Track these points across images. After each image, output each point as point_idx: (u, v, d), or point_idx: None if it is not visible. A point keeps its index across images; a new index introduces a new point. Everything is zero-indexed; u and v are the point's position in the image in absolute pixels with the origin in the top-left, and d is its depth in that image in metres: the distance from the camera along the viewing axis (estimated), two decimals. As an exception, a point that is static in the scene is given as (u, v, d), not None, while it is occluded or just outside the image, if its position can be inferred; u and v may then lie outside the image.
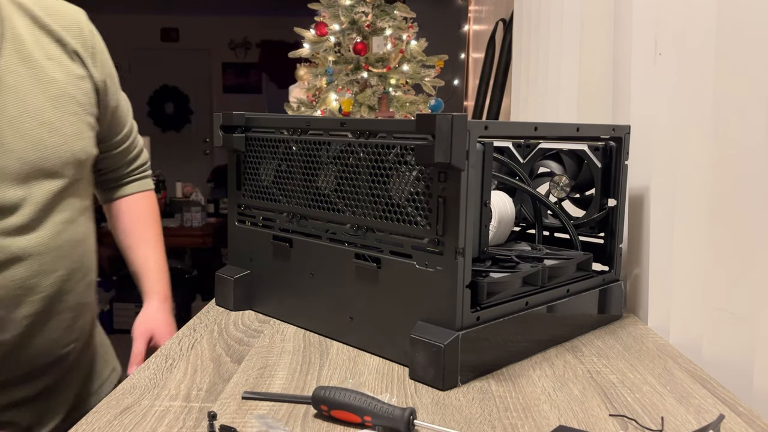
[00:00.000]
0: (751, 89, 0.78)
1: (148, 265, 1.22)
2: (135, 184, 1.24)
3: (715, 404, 0.71)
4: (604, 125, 0.97)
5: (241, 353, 0.84)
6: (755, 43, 0.78)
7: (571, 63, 1.39)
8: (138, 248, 1.22)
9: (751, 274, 0.78)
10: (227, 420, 0.65)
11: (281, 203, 0.97)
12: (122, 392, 0.73)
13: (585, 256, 0.96)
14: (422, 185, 0.76)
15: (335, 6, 2.76)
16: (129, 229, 1.23)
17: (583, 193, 1.04)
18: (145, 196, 1.26)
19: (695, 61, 0.90)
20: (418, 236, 0.77)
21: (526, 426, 0.65)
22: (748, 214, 0.79)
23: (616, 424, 0.66)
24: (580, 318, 0.93)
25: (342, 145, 0.86)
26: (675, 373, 0.80)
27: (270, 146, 0.97)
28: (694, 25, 0.90)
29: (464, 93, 4.69)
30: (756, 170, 0.78)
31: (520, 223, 1.10)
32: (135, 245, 1.22)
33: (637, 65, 1.06)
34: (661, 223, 0.98)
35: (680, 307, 0.93)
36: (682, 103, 0.92)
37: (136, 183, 1.24)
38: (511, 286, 0.83)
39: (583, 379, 0.77)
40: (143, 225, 1.24)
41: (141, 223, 1.24)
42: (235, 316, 1.01)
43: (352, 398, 0.64)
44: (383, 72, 2.75)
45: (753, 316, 0.78)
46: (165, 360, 0.82)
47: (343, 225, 0.87)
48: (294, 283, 0.95)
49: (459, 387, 0.74)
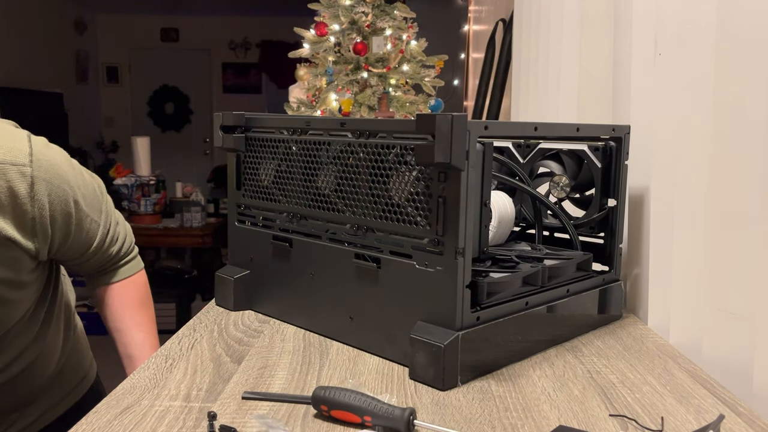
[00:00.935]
0: (751, 89, 0.78)
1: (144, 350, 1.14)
2: (120, 271, 1.16)
3: (715, 404, 0.71)
4: (604, 125, 0.97)
5: (241, 353, 0.84)
6: (755, 43, 0.78)
7: (571, 63, 1.39)
8: (130, 332, 1.15)
9: (751, 274, 0.78)
10: (227, 420, 0.65)
11: (281, 203, 0.96)
12: (122, 392, 0.73)
13: (585, 256, 0.96)
14: (422, 185, 0.76)
15: (335, 6, 2.75)
16: (117, 314, 1.15)
17: (583, 193, 1.04)
18: (131, 281, 1.17)
19: (695, 61, 0.89)
20: (418, 236, 0.77)
21: (526, 426, 0.65)
22: (748, 214, 0.79)
23: (616, 424, 0.66)
24: (580, 318, 0.93)
25: (342, 145, 0.86)
26: (675, 373, 0.80)
27: (270, 146, 0.97)
28: (694, 25, 0.90)
29: (464, 93, 4.69)
30: (756, 170, 0.78)
31: (520, 223, 1.10)
32: (126, 329, 1.15)
33: (637, 65, 1.06)
34: (661, 223, 0.98)
35: (680, 307, 0.93)
36: (682, 103, 0.92)
37: (120, 270, 1.16)
38: (511, 286, 0.83)
39: (583, 379, 0.77)
40: (132, 309, 1.16)
41: (129, 307, 1.16)
42: (235, 316, 1.01)
43: (352, 398, 0.64)
44: (383, 72, 2.75)
45: (753, 316, 0.78)
46: (165, 360, 0.82)
47: (343, 225, 0.87)
48: (294, 283, 0.95)
49: (459, 387, 0.74)
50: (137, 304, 1.17)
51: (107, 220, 1.09)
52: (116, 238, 1.12)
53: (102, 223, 1.07)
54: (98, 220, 1.06)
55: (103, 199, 1.09)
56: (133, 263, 1.18)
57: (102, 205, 1.08)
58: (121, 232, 1.14)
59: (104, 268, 1.14)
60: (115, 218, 1.13)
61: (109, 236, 1.10)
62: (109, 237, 1.10)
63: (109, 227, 1.10)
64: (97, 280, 1.16)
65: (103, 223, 1.08)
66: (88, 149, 7.34)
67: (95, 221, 1.06)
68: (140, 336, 1.15)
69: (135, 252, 1.20)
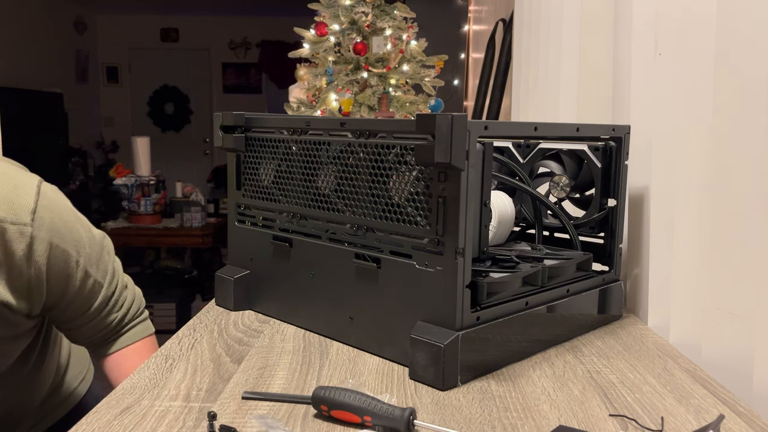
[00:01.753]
0: (751, 89, 0.78)
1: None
2: (121, 339, 1.07)
3: (715, 404, 0.71)
4: (604, 125, 0.97)
5: (241, 353, 0.84)
6: (755, 43, 0.78)
7: (571, 63, 1.39)
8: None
9: (751, 274, 0.78)
10: (227, 420, 0.65)
11: (281, 203, 0.96)
12: (122, 392, 0.73)
13: (585, 256, 0.96)
14: (422, 185, 0.76)
15: (335, 6, 2.75)
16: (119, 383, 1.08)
17: (583, 193, 1.04)
18: (135, 348, 1.07)
19: (695, 61, 0.90)
20: (418, 236, 0.77)
21: (526, 426, 0.65)
22: (748, 214, 0.79)
23: (616, 424, 0.66)
24: (580, 318, 0.93)
25: (342, 145, 0.86)
26: (675, 373, 0.80)
27: (270, 146, 0.97)
28: (694, 25, 0.90)
29: (464, 93, 4.69)
30: (756, 170, 0.78)
31: (520, 223, 1.10)
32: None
33: (637, 65, 1.06)
34: (661, 223, 0.98)
35: (680, 307, 0.93)
36: (682, 103, 0.92)
37: (122, 338, 1.07)
38: (511, 286, 0.83)
39: (583, 379, 0.77)
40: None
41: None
42: (235, 316, 1.01)
43: (352, 398, 0.64)
44: (383, 72, 2.75)
45: (753, 316, 0.78)
46: (165, 360, 0.82)
47: (343, 225, 0.87)
48: (294, 283, 0.95)
49: (459, 387, 0.74)
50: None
51: (113, 281, 1.03)
52: (121, 303, 1.05)
53: (106, 284, 1.01)
54: (102, 282, 1.00)
55: (110, 260, 1.03)
56: (138, 328, 1.09)
57: (108, 266, 1.02)
58: (128, 297, 1.07)
59: (104, 337, 1.06)
60: (123, 281, 1.06)
61: (113, 300, 1.03)
62: (113, 300, 1.03)
63: (114, 290, 1.04)
64: (97, 351, 1.08)
65: (107, 284, 1.02)
66: (88, 149, 7.34)
67: (98, 282, 1.00)
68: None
69: (144, 316, 1.11)
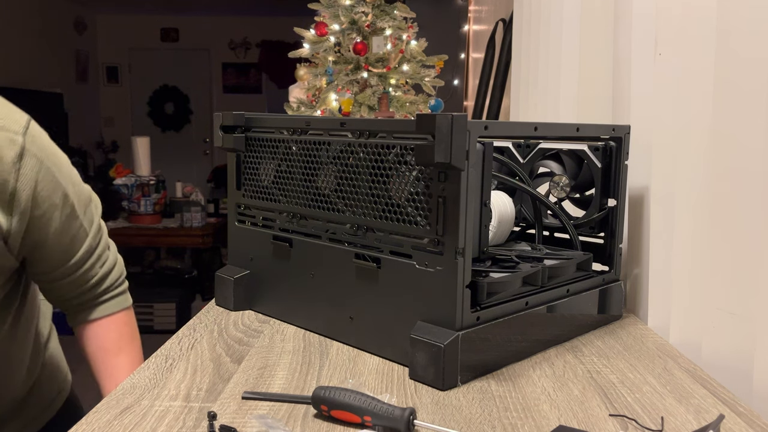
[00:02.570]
0: (751, 89, 0.78)
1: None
2: (101, 308, 1.04)
3: (715, 404, 0.71)
4: (604, 125, 0.97)
5: (241, 353, 0.84)
6: (755, 43, 0.78)
7: (571, 63, 1.39)
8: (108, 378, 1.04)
9: (751, 274, 0.78)
10: (227, 420, 0.65)
11: (281, 203, 0.96)
12: (122, 392, 0.73)
13: (585, 256, 0.96)
14: (422, 185, 0.76)
15: (335, 6, 2.75)
16: (96, 356, 1.04)
17: (583, 193, 1.04)
18: (111, 321, 1.04)
19: (695, 61, 0.90)
20: (418, 236, 0.77)
21: (526, 426, 0.65)
22: (748, 214, 0.79)
23: (616, 424, 0.66)
24: (580, 318, 0.93)
25: (342, 145, 0.86)
26: (675, 373, 0.80)
27: (270, 146, 0.97)
28: (694, 25, 0.90)
29: (464, 93, 4.69)
30: (756, 170, 0.78)
31: (520, 223, 1.10)
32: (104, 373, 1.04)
33: (637, 65, 1.06)
34: (661, 223, 0.98)
35: (680, 307, 0.93)
36: (682, 103, 0.92)
37: (102, 306, 1.04)
38: (511, 286, 0.83)
39: (583, 379, 0.77)
40: (111, 354, 1.04)
41: (108, 351, 1.04)
42: (235, 316, 1.01)
43: (352, 398, 0.64)
44: (383, 72, 2.75)
45: (753, 316, 0.78)
46: (165, 360, 0.82)
47: (343, 225, 0.87)
48: (294, 283, 0.95)
49: (459, 387, 0.74)
50: (116, 348, 1.05)
51: (98, 234, 0.98)
52: (103, 261, 1.01)
53: (92, 234, 0.96)
54: (87, 230, 0.95)
55: (96, 213, 0.99)
56: (118, 299, 1.06)
57: (95, 218, 0.98)
58: (110, 258, 1.03)
59: (83, 300, 1.03)
60: (107, 240, 1.02)
61: (96, 254, 0.98)
62: (95, 254, 0.98)
63: (99, 242, 0.98)
64: (75, 317, 1.04)
65: (92, 234, 0.97)
66: (88, 149, 7.34)
67: (84, 229, 0.94)
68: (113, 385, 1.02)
69: (124, 287, 1.07)
